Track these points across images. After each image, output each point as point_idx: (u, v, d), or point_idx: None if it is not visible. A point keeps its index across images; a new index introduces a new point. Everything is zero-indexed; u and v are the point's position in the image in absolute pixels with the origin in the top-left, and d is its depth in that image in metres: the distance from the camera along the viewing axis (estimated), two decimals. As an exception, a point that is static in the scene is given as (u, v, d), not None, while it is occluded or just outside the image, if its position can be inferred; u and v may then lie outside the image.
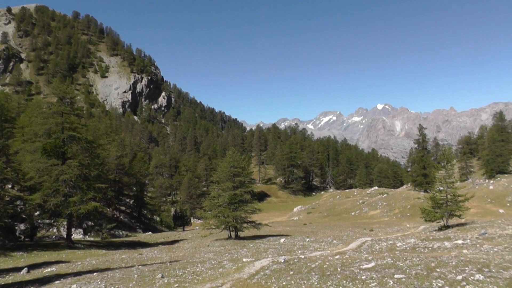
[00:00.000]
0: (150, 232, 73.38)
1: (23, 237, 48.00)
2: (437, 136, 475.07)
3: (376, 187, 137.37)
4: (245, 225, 48.28)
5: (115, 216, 74.97)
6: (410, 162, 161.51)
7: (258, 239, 46.22)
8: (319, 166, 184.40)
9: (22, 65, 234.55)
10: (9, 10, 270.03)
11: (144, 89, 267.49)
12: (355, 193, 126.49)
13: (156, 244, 49.28)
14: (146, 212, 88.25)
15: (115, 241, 52.91)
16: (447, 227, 45.47)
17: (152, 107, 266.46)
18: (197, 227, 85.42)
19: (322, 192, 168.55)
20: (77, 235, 54.97)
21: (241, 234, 50.41)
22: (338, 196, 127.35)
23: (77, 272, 26.05)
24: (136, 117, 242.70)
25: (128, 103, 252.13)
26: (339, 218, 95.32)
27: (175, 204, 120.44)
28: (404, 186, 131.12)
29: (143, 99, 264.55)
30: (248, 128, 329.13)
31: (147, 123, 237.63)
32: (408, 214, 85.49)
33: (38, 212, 43.42)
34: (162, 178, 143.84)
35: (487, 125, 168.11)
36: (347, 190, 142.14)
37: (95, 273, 24.95)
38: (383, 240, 36.29)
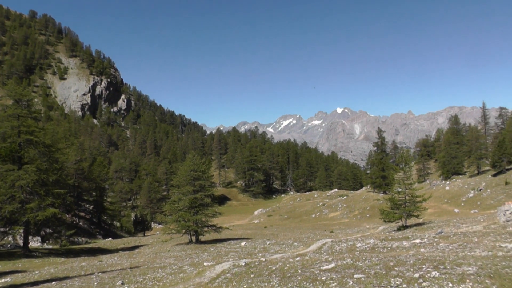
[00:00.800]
0: (110, 238, 72.33)
1: (-25, 246, 46.63)
2: (395, 139, 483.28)
3: (336, 189, 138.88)
4: (205, 229, 48.12)
5: (75, 222, 73.55)
6: (369, 165, 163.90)
7: (219, 242, 46.16)
8: (279, 169, 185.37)
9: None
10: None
11: (103, 92, 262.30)
12: (315, 196, 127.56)
13: (117, 250, 48.59)
14: (106, 217, 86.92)
15: (75, 248, 51.93)
16: (405, 227, 46.33)
17: (112, 110, 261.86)
18: (158, 232, 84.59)
19: (283, 195, 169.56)
20: (34, 243, 53.60)
21: (202, 238, 50.23)
22: (298, 199, 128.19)
23: (34, 282, 25.43)
24: (95, 120, 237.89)
25: (87, 106, 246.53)
26: (300, 220, 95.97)
27: (136, 209, 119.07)
28: (364, 188, 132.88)
29: (102, 102, 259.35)
30: (208, 132, 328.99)
31: (106, 126, 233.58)
32: (367, 215, 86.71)
33: (-8, 220, 42.20)
34: (122, 183, 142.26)
35: (443, 128, 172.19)
36: (307, 193, 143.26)
37: (53, 282, 24.43)
38: (343, 241, 36.68)
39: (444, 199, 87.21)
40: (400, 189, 46.76)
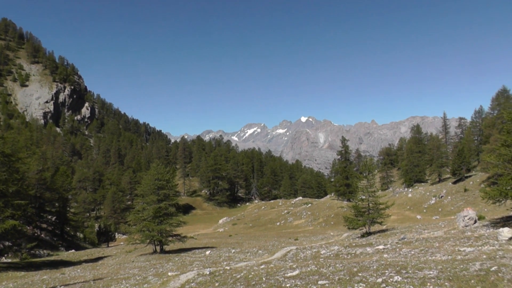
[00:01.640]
0: (73, 250, 70.87)
1: None
2: (359, 148, 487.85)
3: (301, 197, 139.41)
4: (170, 238, 47.83)
5: (36, 234, 71.90)
6: (333, 173, 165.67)
7: (184, 252, 45.93)
8: (244, 177, 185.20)
9: None
10: None
11: (67, 99, 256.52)
12: (280, 204, 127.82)
13: (80, 262, 47.71)
14: (69, 229, 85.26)
15: (36, 261, 50.65)
16: (369, 233, 46.92)
17: (75, 118, 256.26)
18: (122, 243, 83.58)
19: (247, 203, 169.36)
20: (-8, 256, 52.32)
21: (167, 248, 49.86)
22: (263, 207, 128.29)
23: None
24: (58, 129, 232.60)
25: (50, 114, 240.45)
26: (265, 228, 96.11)
27: (99, 220, 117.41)
28: (328, 196, 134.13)
29: (66, 110, 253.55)
30: (172, 140, 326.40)
31: (70, 135, 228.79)
32: (332, 223, 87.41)
33: None
34: (85, 193, 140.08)
35: (406, 138, 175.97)
36: (272, 201, 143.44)
37: (12, 297, 23.91)
38: (307, 248, 36.89)
39: (407, 206, 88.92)
40: (363, 197, 47.40)
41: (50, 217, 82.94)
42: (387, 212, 48.97)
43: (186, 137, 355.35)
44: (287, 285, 16.19)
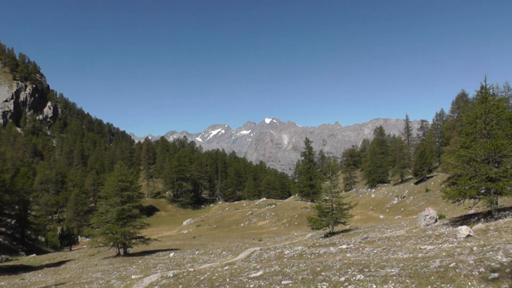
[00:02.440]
0: (34, 254, 69.49)
1: None
2: (323, 149, 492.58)
3: (265, 198, 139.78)
4: (134, 241, 47.50)
5: (-6, 238, 70.45)
6: (297, 174, 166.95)
7: (148, 254, 45.63)
8: (208, 178, 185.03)
9: None
10: None
11: (28, 98, 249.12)
12: (244, 205, 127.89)
13: (41, 267, 46.80)
14: (30, 232, 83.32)
15: (-7, 266, 49.66)
16: (333, 233, 47.39)
17: (37, 118, 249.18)
18: (85, 246, 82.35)
19: (211, 205, 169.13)
20: None
21: (130, 250, 49.49)
22: (227, 208, 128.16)
23: None
24: (19, 129, 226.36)
25: (10, 113, 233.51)
26: (229, 229, 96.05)
27: (62, 223, 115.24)
28: (292, 197, 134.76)
29: (27, 109, 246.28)
30: (136, 141, 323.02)
31: (31, 135, 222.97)
32: (296, 223, 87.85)
33: None
34: (47, 195, 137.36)
35: (369, 139, 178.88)
36: (236, 202, 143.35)
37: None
38: (271, 249, 37.09)
39: (370, 206, 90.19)
40: (327, 197, 47.90)
41: (9, 220, 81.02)
42: (350, 212, 49.63)
43: (150, 138, 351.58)
44: (251, 286, 16.25)
